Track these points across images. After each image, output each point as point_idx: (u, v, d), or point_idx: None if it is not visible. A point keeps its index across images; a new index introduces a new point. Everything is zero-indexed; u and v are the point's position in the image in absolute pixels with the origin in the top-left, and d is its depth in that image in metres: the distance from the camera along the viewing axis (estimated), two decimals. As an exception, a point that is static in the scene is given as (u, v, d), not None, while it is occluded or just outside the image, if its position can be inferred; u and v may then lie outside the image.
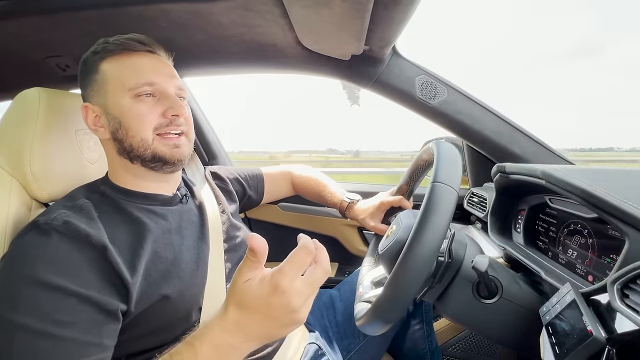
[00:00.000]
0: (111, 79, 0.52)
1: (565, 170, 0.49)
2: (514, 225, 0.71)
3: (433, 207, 0.43)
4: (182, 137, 0.55)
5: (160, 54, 0.57)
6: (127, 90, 0.51)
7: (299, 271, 0.35)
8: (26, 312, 0.39)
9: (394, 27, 0.59)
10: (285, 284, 0.34)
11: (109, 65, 0.53)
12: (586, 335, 0.34)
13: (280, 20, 0.62)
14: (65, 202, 0.50)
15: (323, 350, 0.65)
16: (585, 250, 0.53)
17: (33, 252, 0.42)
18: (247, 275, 0.35)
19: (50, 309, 0.39)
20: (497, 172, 0.67)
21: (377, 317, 0.46)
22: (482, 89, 20.79)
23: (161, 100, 0.53)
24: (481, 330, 0.54)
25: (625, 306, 0.33)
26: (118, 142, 0.53)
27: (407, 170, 0.74)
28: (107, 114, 0.53)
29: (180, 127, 0.55)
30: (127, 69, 0.53)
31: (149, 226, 0.51)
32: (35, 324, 0.38)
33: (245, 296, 0.35)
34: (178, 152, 0.54)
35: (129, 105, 0.52)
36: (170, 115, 0.53)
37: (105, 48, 0.53)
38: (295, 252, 0.36)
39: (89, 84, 0.54)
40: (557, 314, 0.40)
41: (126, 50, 0.53)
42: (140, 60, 0.54)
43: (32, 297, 0.39)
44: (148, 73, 0.53)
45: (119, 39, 0.53)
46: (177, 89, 0.56)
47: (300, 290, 0.34)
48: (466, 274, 0.51)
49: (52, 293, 0.40)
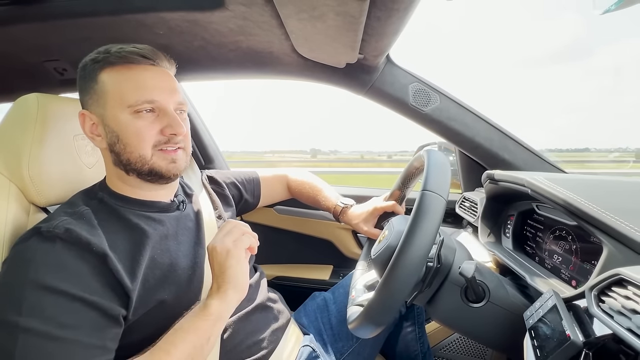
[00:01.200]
0: (110, 92, 0.51)
1: (550, 180, 0.51)
2: (504, 230, 0.73)
3: (422, 215, 0.44)
4: (180, 151, 0.55)
5: (163, 65, 0.56)
6: (126, 106, 0.51)
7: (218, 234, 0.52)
8: (31, 314, 0.40)
9: (387, 38, 0.61)
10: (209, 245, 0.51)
11: (109, 77, 0.52)
12: (565, 339, 0.36)
13: (277, 30, 0.64)
14: (65, 209, 0.50)
15: (317, 352, 0.67)
16: (570, 256, 0.55)
17: (37, 257, 0.43)
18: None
19: (55, 312, 0.40)
20: (487, 178, 0.69)
21: (369, 320, 0.48)
22: (461, 89, 20.59)
23: (160, 116, 0.53)
24: (469, 334, 0.56)
25: (601, 311, 0.35)
26: (115, 154, 0.53)
27: (400, 176, 0.76)
28: (105, 125, 0.52)
29: (178, 144, 0.54)
30: (127, 83, 0.51)
31: (147, 232, 0.52)
32: (40, 326, 0.39)
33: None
34: (174, 168, 0.54)
35: (128, 121, 0.51)
36: (168, 133, 0.52)
37: (106, 59, 0.52)
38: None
39: (87, 91, 0.53)
40: (540, 318, 0.42)
41: (128, 63, 0.52)
42: (142, 75, 0.52)
43: (36, 301, 0.40)
44: (149, 90, 0.52)
45: (120, 52, 0.52)
46: (177, 104, 0.55)
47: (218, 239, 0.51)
48: (455, 279, 0.53)
49: (57, 297, 0.41)
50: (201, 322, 0.47)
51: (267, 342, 0.60)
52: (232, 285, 0.48)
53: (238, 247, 0.50)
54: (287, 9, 0.53)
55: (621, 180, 0.54)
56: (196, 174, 0.78)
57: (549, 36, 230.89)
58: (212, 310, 0.47)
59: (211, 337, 0.48)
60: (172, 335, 0.46)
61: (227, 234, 0.51)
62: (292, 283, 1.07)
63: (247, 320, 0.60)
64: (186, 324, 0.47)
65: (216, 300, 0.48)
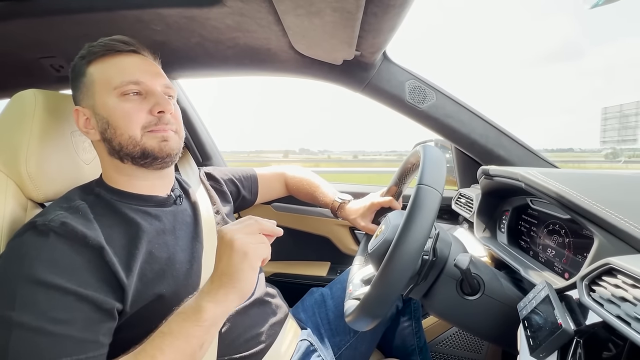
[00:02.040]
0: (97, 80, 0.53)
1: (543, 174, 0.51)
2: (499, 225, 0.74)
3: (418, 208, 0.45)
4: (170, 132, 0.55)
5: (146, 54, 0.57)
6: (112, 89, 0.52)
7: (238, 224, 0.46)
8: (23, 309, 0.40)
9: (384, 34, 0.61)
10: (225, 230, 0.45)
11: (95, 68, 0.54)
12: (556, 327, 0.37)
13: (274, 26, 0.64)
14: (61, 204, 0.50)
15: (315, 346, 0.67)
16: (563, 249, 0.56)
17: (31, 252, 0.43)
18: None
19: (48, 307, 0.40)
20: (482, 174, 0.70)
21: (365, 313, 0.48)
22: (457, 89, 21.01)
23: (147, 97, 0.53)
24: (465, 326, 0.57)
25: (592, 300, 0.35)
26: (107, 142, 0.53)
27: (396, 172, 0.77)
28: (96, 114, 0.53)
29: (168, 125, 0.55)
30: (112, 69, 0.53)
31: (143, 227, 0.52)
32: (33, 321, 0.39)
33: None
34: (167, 146, 0.54)
35: (115, 103, 0.52)
36: (156, 112, 0.53)
37: (91, 51, 0.54)
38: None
39: (78, 87, 0.55)
40: (533, 308, 0.43)
41: (110, 51, 0.54)
42: (125, 60, 0.54)
43: (29, 295, 0.40)
44: (133, 71, 0.53)
45: (102, 41, 0.54)
46: (164, 87, 0.56)
47: (238, 232, 0.44)
48: (450, 272, 0.54)
49: (50, 291, 0.41)
50: (193, 328, 0.41)
51: (265, 336, 0.61)
52: (238, 290, 0.43)
53: (257, 253, 0.44)
54: (284, 5, 0.53)
55: (613, 173, 0.55)
56: (194, 171, 0.78)
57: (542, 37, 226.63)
58: (206, 316, 0.41)
59: (204, 343, 0.43)
60: (160, 339, 0.42)
61: (250, 235, 0.44)
62: (290, 279, 1.08)
63: (246, 314, 0.60)
64: (176, 328, 0.42)
65: (212, 304, 0.42)
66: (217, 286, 0.43)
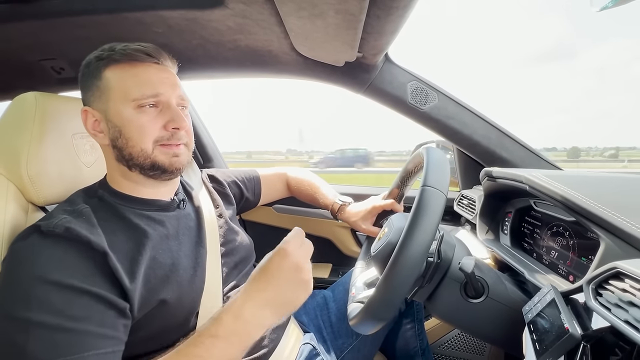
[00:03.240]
0: (114, 87, 0.52)
1: (547, 176, 0.51)
2: (501, 227, 0.74)
3: (423, 210, 0.45)
4: (182, 147, 0.55)
5: (166, 64, 0.56)
6: (130, 100, 0.51)
7: (299, 240, 0.48)
8: (41, 310, 0.40)
9: (386, 36, 0.61)
10: (289, 247, 0.46)
11: (113, 74, 0.52)
12: (563, 332, 0.36)
13: (276, 28, 0.64)
14: (65, 207, 0.50)
15: (317, 350, 0.67)
16: (567, 251, 0.56)
17: (40, 254, 0.43)
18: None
19: (64, 306, 0.41)
20: (485, 176, 0.69)
21: (370, 316, 0.48)
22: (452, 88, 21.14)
23: (163, 111, 0.53)
24: (469, 329, 0.57)
25: (599, 304, 0.35)
26: (117, 149, 0.53)
27: (399, 174, 0.76)
28: (108, 120, 0.52)
29: (181, 140, 0.55)
30: (131, 79, 0.52)
31: (147, 233, 0.52)
32: (51, 319, 0.39)
33: (263, 265, 0.47)
34: (177, 162, 0.54)
35: (131, 115, 0.51)
36: (171, 128, 0.53)
37: (111, 56, 0.52)
38: (294, 230, 0.49)
39: (90, 88, 0.54)
40: (538, 312, 0.43)
41: (133, 61, 0.53)
42: (146, 72, 0.53)
43: (44, 296, 0.40)
44: (153, 84, 0.52)
45: (125, 50, 0.53)
46: (179, 99, 0.56)
47: (301, 252, 0.46)
48: (454, 275, 0.54)
49: (64, 291, 0.41)
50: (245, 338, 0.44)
51: (267, 341, 0.60)
52: (284, 307, 0.46)
53: (307, 269, 0.46)
54: (287, 6, 0.53)
55: (618, 176, 0.55)
56: (196, 173, 0.78)
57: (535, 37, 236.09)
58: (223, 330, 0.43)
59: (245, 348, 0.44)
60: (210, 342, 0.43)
61: (303, 246, 0.47)
62: None
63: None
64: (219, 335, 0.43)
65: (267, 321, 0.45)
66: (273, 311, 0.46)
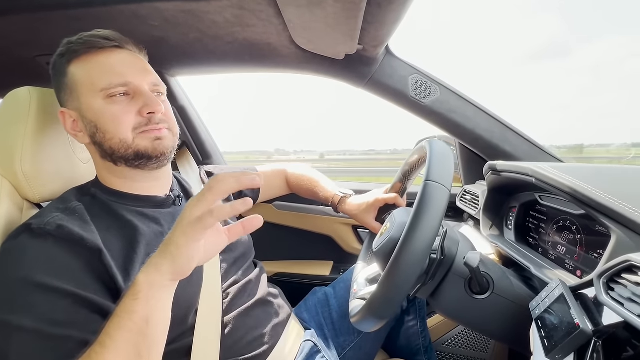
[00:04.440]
0: (80, 81, 0.50)
1: (555, 168, 0.50)
2: (506, 222, 0.73)
3: (426, 206, 0.43)
4: (164, 130, 0.53)
5: (130, 48, 0.54)
6: (98, 91, 0.49)
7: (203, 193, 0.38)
8: (23, 313, 0.38)
9: (387, 26, 0.59)
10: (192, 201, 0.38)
11: (76, 68, 0.50)
12: (574, 328, 0.35)
13: (274, 19, 0.62)
14: (57, 205, 0.49)
15: (318, 347, 0.66)
16: (574, 246, 0.54)
17: (28, 254, 0.42)
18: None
19: (47, 309, 0.39)
20: (489, 169, 0.68)
21: (372, 313, 0.47)
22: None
23: (135, 98, 0.51)
24: (474, 326, 0.55)
25: (611, 299, 0.34)
26: (98, 145, 0.51)
27: (401, 168, 0.75)
28: (83, 118, 0.51)
29: (161, 123, 0.52)
30: (95, 69, 0.50)
31: (141, 230, 0.51)
32: (32, 324, 0.38)
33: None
34: (161, 145, 0.52)
35: (102, 107, 0.49)
36: (146, 113, 0.51)
37: (70, 49, 0.50)
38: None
39: (61, 88, 0.52)
40: (546, 308, 0.41)
41: (91, 48, 0.50)
42: (109, 58, 0.51)
43: (28, 299, 0.39)
44: (119, 71, 0.50)
45: (82, 37, 0.50)
46: (152, 85, 0.53)
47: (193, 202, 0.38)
48: (458, 271, 0.52)
49: (48, 294, 0.40)
50: (132, 303, 0.37)
51: (268, 337, 0.59)
52: (171, 260, 0.37)
53: (196, 228, 0.36)
54: (285, -4, 0.51)
55: (625, 167, 0.54)
56: (194, 170, 0.77)
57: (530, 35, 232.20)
58: (140, 287, 0.37)
59: (150, 318, 0.37)
60: (108, 323, 0.38)
61: (199, 202, 0.37)
62: (292, 279, 1.06)
63: (248, 315, 0.59)
64: (119, 308, 0.38)
65: (144, 275, 0.37)
66: (155, 255, 0.38)
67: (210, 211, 0.36)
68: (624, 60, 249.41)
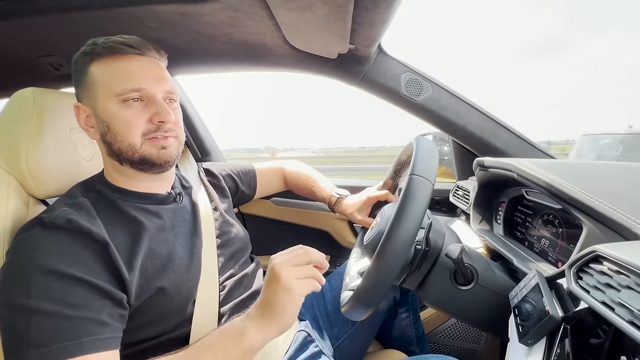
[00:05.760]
0: (99, 83, 0.52)
1: (534, 164, 0.52)
2: (495, 217, 0.75)
3: (410, 198, 0.45)
4: (170, 139, 0.55)
5: (151, 55, 0.56)
6: (114, 95, 0.52)
7: (288, 255, 0.46)
8: (40, 297, 0.41)
9: (376, 27, 0.61)
10: (275, 260, 0.45)
11: (97, 68, 0.53)
12: (544, 314, 0.37)
13: (268, 21, 0.64)
14: (65, 200, 0.52)
15: (312, 337, 0.68)
16: (556, 239, 0.56)
17: (42, 245, 0.44)
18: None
19: (63, 294, 0.42)
20: (477, 165, 0.70)
21: (359, 302, 0.49)
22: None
23: (148, 105, 0.53)
24: (459, 315, 0.58)
25: (580, 288, 0.36)
26: (107, 144, 0.54)
27: (392, 165, 0.77)
28: (96, 116, 0.53)
29: (168, 132, 0.55)
30: (114, 73, 0.52)
31: (144, 224, 0.53)
32: (51, 307, 0.41)
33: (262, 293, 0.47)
34: (165, 154, 0.55)
35: (117, 110, 0.52)
36: (156, 121, 0.53)
37: (94, 50, 0.53)
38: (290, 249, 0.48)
39: (80, 84, 0.55)
40: (523, 297, 0.43)
41: (114, 53, 0.53)
42: (129, 64, 0.53)
43: (45, 284, 0.42)
44: (136, 78, 0.52)
45: (107, 42, 0.53)
46: (166, 93, 0.55)
47: (286, 265, 0.45)
48: (444, 263, 0.55)
49: (63, 280, 0.43)
50: (234, 350, 0.44)
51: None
52: (279, 323, 0.45)
53: (302, 290, 0.44)
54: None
55: (605, 163, 0.55)
56: (193, 167, 0.79)
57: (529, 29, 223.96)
58: (248, 342, 0.44)
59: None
60: (202, 351, 0.45)
61: (297, 268, 0.45)
62: None
63: (243, 307, 0.61)
64: (219, 346, 0.44)
65: (255, 331, 0.44)
66: (261, 314, 0.45)
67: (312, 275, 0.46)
68: (623, 55, 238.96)
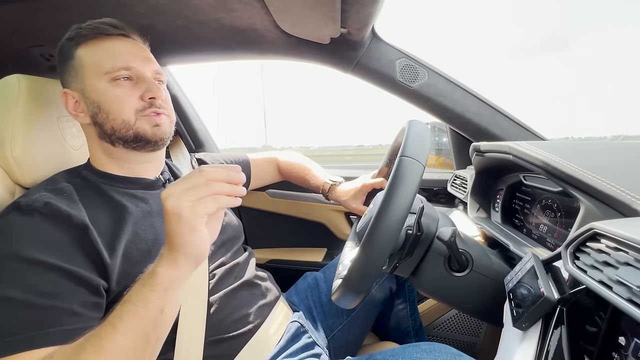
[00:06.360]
0: (87, 64, 0.53)
1: (531, 144, 0.50)
2: (493, 205, 0.73)
3: (399, 180, 0.43)
4: (163, 116, 0.56)
5: (135, 38, 0.57)
6: (103, 74, 0.52)
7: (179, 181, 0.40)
8: (10, 285, 0.40)
9: (367, 7, 0.59)
10: (163, 192, 0.40)
11: (84, 51, 0.53)
12: (539, 296, 0.36)
13: (256, 3, 0.63)
14: (45, 185, 0.51)
15: (305, 328, 0.67)
16: (554, 224, 0.55)
17: (16, 230, 0.43)
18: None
19: (34, 281, 0.41)
20: (474, 151, 0.68)
21: (348, 288, 0.47)
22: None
23: (138, 83, 0.54)
24: (454, 303, 0.56)
25: (576, 268, 0.34)
26: (99, 126, 0.54)
27: (387, 153, 0.75)
28: (86, 98, 0.53)
29: (160, 109, 0.55)
30: (102, 53, 0.53)
31: (129, 209, 0.52)
32: (20, 295, 0.40)
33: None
34: (159, 131, 0.55)
35: (107, 89, 0.52)
36: (147, 98, 0.53)
37: (79, 33, 0.53)
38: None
39: (66, 70, 0.55)
40: (518, 281, 0.42)
41: (100, 34, 0.54)
42: (116, 44, 0.54)
43: (15, 272, 0.41)
44: (124, 56, 0.53)
45: (91, 24, 0.54)
46: (154, 73, 0.57)
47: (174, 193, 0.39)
48: (438, 249, 0.53)
49: (35, 267, 0.41)
50: (149, 293, 0.39)
51: (253, 317, 0.61)
52: (185, 253, 0.40)
53: (195, 211, 0.38)
54: (262, -23, 0.52)
55: (602, 142, 0.53)
56: (185, 157, 0.78)
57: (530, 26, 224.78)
58: (160, 279, 0.39)
59: (164, 308, 0.40)
60: (120, 307, 0.40)
61: (189, 190, 0.39)
62: (286, 266, 1.08)
63: (233, 296, 0.60)
64: (134, 295, 0.40)
65: (165, 268, 0.40)
66: (167, 250, 0.40)
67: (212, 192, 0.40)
68: (626, 51, 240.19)
